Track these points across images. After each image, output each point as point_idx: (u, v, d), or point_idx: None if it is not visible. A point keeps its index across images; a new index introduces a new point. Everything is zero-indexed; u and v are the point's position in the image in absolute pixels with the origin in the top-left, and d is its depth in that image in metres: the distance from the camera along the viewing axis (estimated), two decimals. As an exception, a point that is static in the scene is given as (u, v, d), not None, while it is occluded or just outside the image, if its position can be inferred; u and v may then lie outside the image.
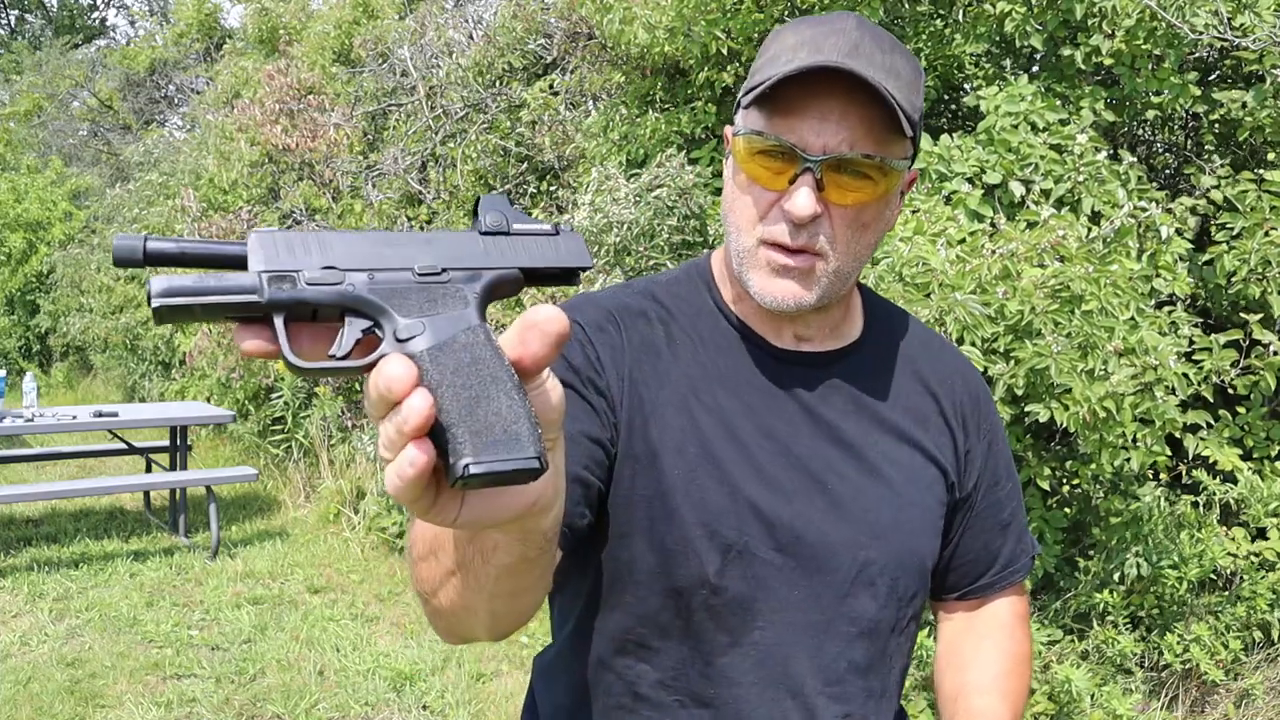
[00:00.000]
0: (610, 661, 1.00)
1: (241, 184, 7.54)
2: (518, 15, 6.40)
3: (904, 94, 0.90)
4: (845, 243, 0.93)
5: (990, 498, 1.12)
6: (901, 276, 3.01)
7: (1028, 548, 1.17)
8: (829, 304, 0.99)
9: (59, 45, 14.94)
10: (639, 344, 1.00)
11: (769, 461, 0.98)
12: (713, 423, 0.98)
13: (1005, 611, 1.16)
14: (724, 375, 1.00)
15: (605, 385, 0.96)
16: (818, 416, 1.01)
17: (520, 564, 0.67)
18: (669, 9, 4.57)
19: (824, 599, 0.98)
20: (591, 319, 1.00)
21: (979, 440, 1.10)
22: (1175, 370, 2.77)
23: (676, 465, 0.96)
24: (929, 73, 4.35)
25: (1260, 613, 3.20)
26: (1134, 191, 3.35)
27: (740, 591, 0.96)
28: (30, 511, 6.01)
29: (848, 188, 0.91)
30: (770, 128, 0.91)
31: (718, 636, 0.97)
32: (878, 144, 0.90)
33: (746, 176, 0.94)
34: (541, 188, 6.25)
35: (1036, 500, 3.26)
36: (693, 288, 1.06)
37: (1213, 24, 3.48)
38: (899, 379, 1.06)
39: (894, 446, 1.03)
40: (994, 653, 1.13)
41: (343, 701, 3.63)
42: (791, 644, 0.98)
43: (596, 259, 4.52)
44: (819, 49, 0.88)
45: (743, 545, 0.95)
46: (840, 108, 0.89)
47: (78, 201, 12.36)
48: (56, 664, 3.87)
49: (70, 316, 10.22)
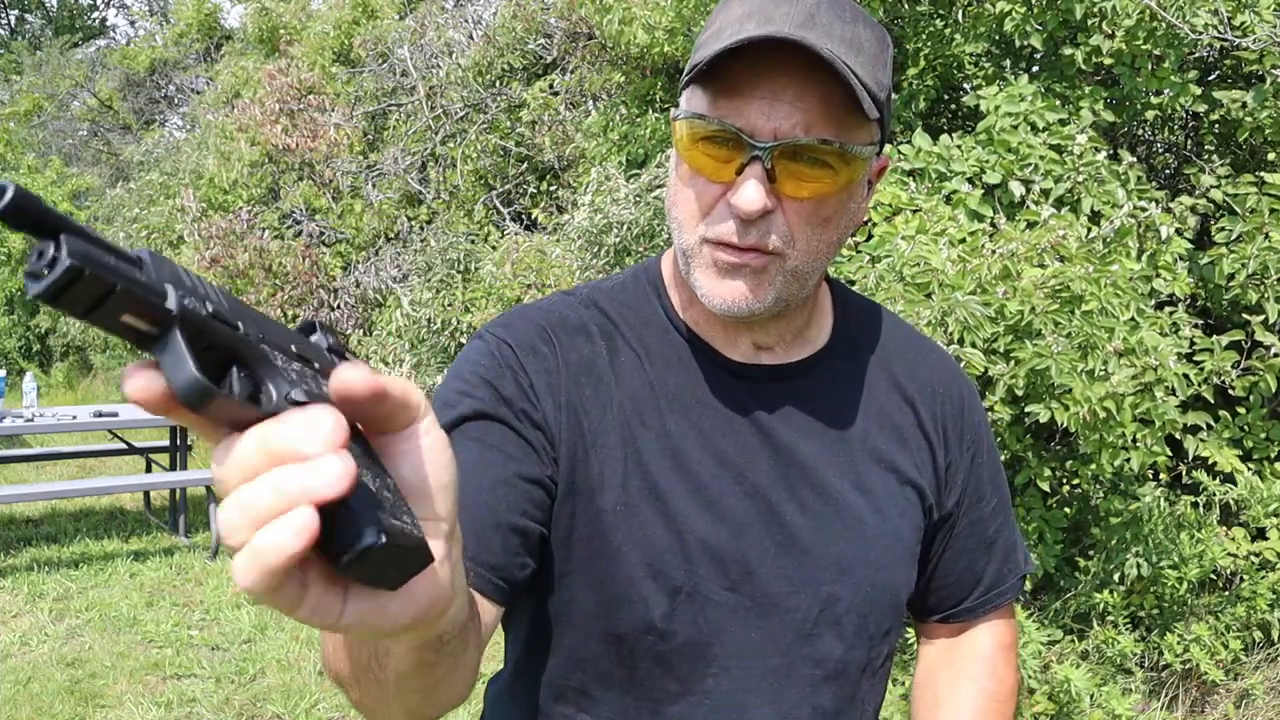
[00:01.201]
0: (549, 709, 0.91)
1: (241, 184, 7.55)
2: (518, 15, 6.40)
3: (867, 69, 0.77)
4: (804, 240, 0.81)
5: (973, 514, 1.00)
6: (902, 276, 3.01)
7: (1016, 567, 1.05)
8: (789, 309, 0.87)
9: (59, 45, 14.95)
10: (577, 364, 0.88)
11: (721, 492, 0.87)
12: (658, 450, 0.87)
13: (988, 643, 1.04)
14: (672, 395, 0.89)
15: (542, 417, 0.85)
16: (776, 439, 0.90)
17: (420, 668, 0.58)
18: (669, 9, 4.57)
19: (784, 641, 0.88)
20: (524, 340, 0.88)
21: (962, 454, 0.98)
22: (1175, 371, 2.77)
23: (618, 500, 0.86)
24: (929, 73, 4.35)
25: (1260, 613, 3.20)
26: (1134, 192, 3.35)
27: (690, 636, 0.86)
28: (30, 511, 6.01)
29: (804, 178, 0.79)
30: (714, 110, 0.78)
31: (666, 685, 0.87)
32: (837, 127, 0.78)
33: (690, 167, 0.82)
34: (541, 188, 6.25)
35: (1036, 500, 3.26)
36: (640, 294, 0.94)
37: (1212, 24, 3.48)
38: (872, 390, 0.95)
39: (864, 470, 0.92)
40: (971, 690, 1.02)
41: (343, 701, 3.63)
42: (749, 691, 0.88)
43: (596, 259, 4.52)
44: (769, 19, 0.76)
45: (692, 586, 0.86)
46: (794, 86, 0.76)
47: (78, 201, 12.36)
48: (56, 664, 3.87)
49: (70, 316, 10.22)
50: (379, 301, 6.26)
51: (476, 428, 0.83)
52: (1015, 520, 1.08)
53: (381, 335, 5.59)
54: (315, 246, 6.75)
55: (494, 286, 4.83)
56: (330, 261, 6.75)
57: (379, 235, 6.64)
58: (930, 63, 4.33)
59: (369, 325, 6.22)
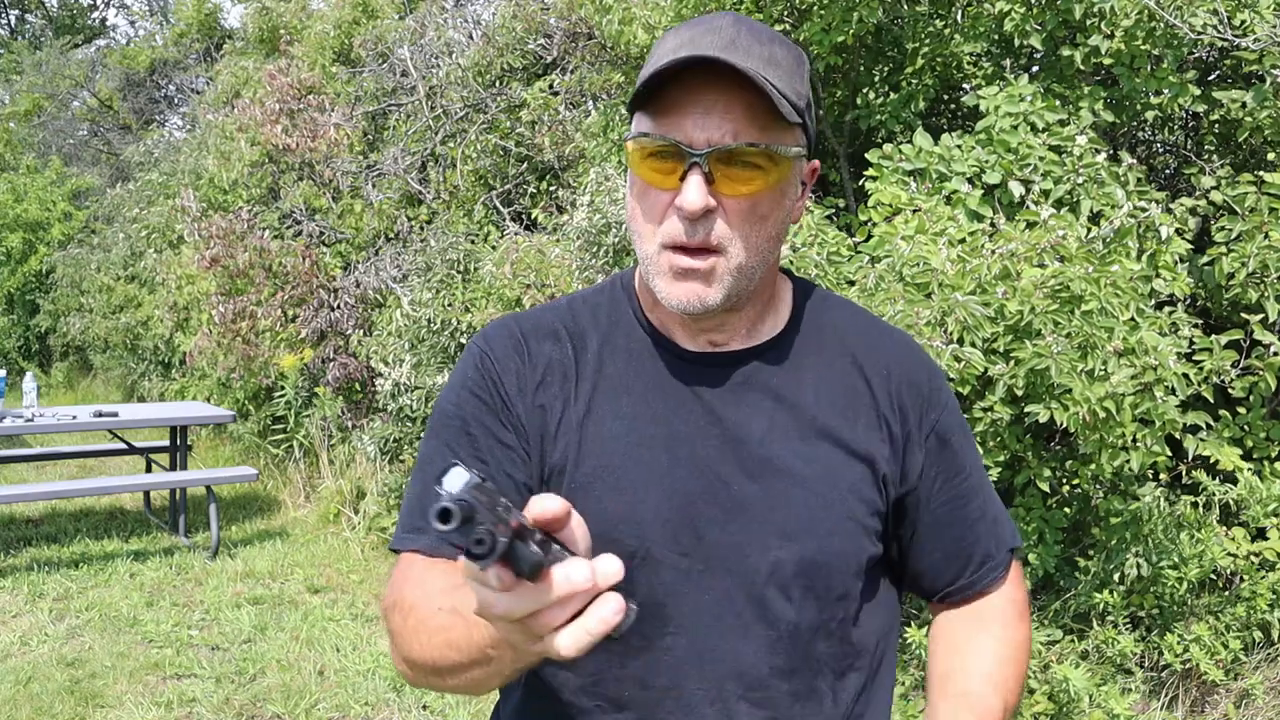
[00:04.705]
0: (540, 669, 1.01)
1: (241, 184, 7.55)
2: (518, 15, 6.40)
3: (784, 81, 0.90)
4: (744, 236, 0.93)
5: (949, 491, 1.06)
6: (902, 276, 3.01)
7: (1005, 540, 1.11)
8: (739, 303, 0.99)
9: (59, 45, 14.93)
10: (545, 366, 1.02)
11: (672, 467, 0.97)
12: (617, 431, 0.99)
13: (1001, 601, 1.11)
14: (630, 384, 1.01)
15: (516, 417, 1.00)
16: (724, 417, 0.99)
17: None
18: (669, 9, 4.57)
19: (737, 603, 0.97)
20: (500, 349, 1.03)
21: (920, 429, 1.04)
22: (1175, 371, 2.76)
23: (574, 479, 0.98)
24: (928, 72, 4.35)
25: (1260, 613, 3.19)
26: (1133, 193, 3.35)
27: (648, 598, 0.95)
28: (30, 511, 6.01)
29: (738, 179, 0.91)
30: (656, 128, 0.91)
31: (631, 640, 0.96)
32: (762, 132, 0.90)
33: (641, 180, 0.94)
34: (541, 188, 6.25)
35: (1036, 500, 3.26)
36: (614, 299, 1.07)
37: (1212, 24, 3.48)
38: (826, 372, 1.03)
39: (811, 444, 1.00)
40: (987, 640, 1.08)
41: (343, 701, 3.63)
42: (707, 649, 0.97)
43: (596, 259, 4.52)
44: (696, 46, 0.89)
45: (645, 552, 0.96)
46: (722, 100, 0.89)
47: (78, 201, 12.36)
48: (56, 664, 3.87)
49: (70, 316, 10.23)
50: (379, 301, 6.25)
51: (468, 441, 1.01)
52: (994, 493, 1.14)
53: (381, 335, 5.58)
54: (315, 246, 6.74)
55: (494, 286, 4.83)
56: (330, 261, 6.74)
57: (379, 235, 6.63)
58: (929, 62, 4.33)
59: (369, 325, 6.21)
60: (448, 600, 0.85)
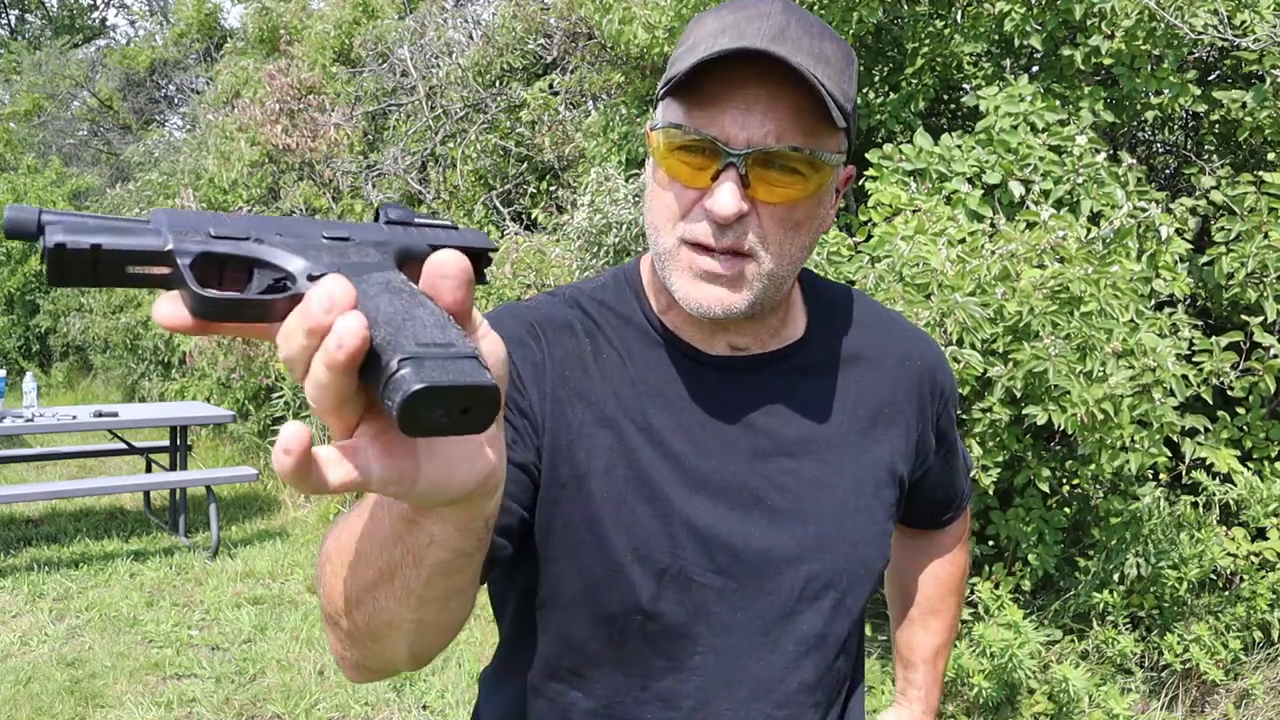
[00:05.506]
0: (541, 687, 0.94)
1: (241, 184, 7.55)
2: (518, 15, 6.40)
3: (834, 81, 0.82)
4: (777, 243, 0.85)
5: (945, 460, 1.12)
6: (902, 277, 3.01)
7: (966, 480, 1.21)
8: (764, 310, 0.91)
9: (59, 45, 14.93)
10: (563, 358, 0.93)
11: (704, 479, 0.91)
12: (643, 441, 0.91)
13: (958, 529, 1.26)
14: (654, 390, 0.93)
15: (527, 405, 0.90)
16: (755, 426, 0.94)
17: (455, 560, 0.62)
18: (669, 9, 4.57)
19: (768, 619, 0.93)
20: (511, 333, 0.92)
21: (932, 417, 1.05)
22: (1174, 372, 2.76)
23: (605, 488, 0.90)
24: (928, 72, 4.35)
25: (1260, 613, 3.20)
26: (1133, 193, 3.35)
27: (678, 618, 0.90)
28: (30, 511, 6.01)
29: (776, 184, 0.83)
30: (689, 120, 0.83)
31: (655, 662, 0.91)
32: (807, 136, 0.82)
33: (666, 174, 0.86)
34: (541, 187, 6.26)
35: (1036, 500, 3.26)
36: (620, 295, 0.98)
37: (1212, 24, 3.48)
38: (846, 375, 0.99)
39: (840, 451, 0.96)
40: (934, 575, 1.25)
41: (343, 701, 3.63)
42: (735, 667, 0.92)
43: (596, 259, 4.52)
44: (741, 34, 0.80)
45: (677, 569, 0.90)
46: (766, 97, 0.81)
47: (78, 201, 12.36)
48: (56, 664, 3.88)
49: (70, 316, 10.23)
50: (379, 301, 6.25)
51: None
52: (958, 436, 1.20)
53: (381, 335, 5.58)
54: (315, 246, 6.75)
55: (494, 286, 4.83)
56: (330, 261, 6.74)
57: (379, 235, 6.63)
58: (929, 62, 4.33)
59: (369, 325, 6.21)
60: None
